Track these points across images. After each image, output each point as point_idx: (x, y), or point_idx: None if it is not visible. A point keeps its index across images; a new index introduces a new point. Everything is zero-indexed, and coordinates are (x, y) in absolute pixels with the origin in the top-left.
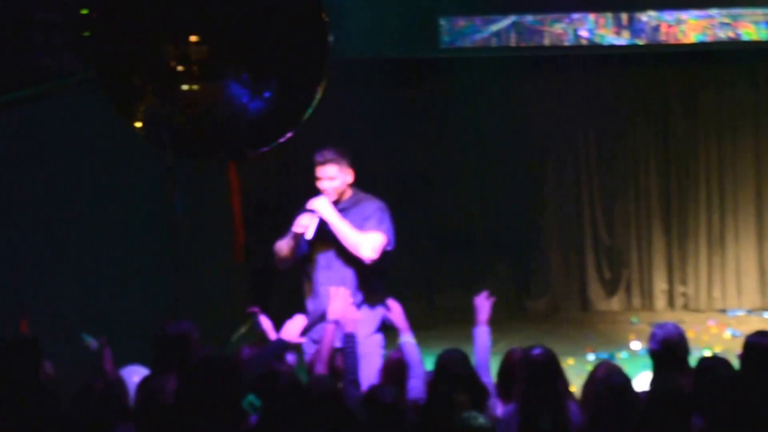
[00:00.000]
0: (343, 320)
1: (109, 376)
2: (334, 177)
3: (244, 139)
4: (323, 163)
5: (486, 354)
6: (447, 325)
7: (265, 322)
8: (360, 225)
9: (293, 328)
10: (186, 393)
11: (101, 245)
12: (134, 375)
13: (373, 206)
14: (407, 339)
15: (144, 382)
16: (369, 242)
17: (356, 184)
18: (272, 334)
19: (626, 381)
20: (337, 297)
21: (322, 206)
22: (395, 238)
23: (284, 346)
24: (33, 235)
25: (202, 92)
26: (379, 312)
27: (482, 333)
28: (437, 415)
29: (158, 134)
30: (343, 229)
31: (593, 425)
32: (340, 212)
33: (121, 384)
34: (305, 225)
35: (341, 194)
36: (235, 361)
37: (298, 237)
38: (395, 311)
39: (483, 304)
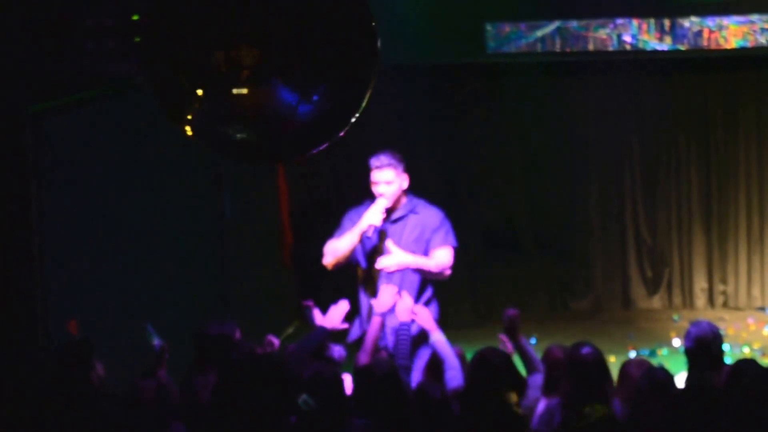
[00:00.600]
0: (398, 311)
1: (162, 380)
2: (390, 181)
3: (292, 143)
4: (380, 167)
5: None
6: (492, 325)
7: (318, 316)
8: (422, 234)
9: (336, 314)
10: (225, 390)
11: (152, 246)
12: None
13: (435, 216)
14: (437, 337)
15: (186, 381)
16: (445, 262)
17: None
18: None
19: (669, 377)
20: (385, 291)
21: (392, 260)
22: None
23: (326, 333)
24: (85, 236)
25: (252, 96)
26: (433, 309)
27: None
28: (477, 400)
29: (208, 138)
30: (421, 263)
31: (636, 421)
32: (398, 219)
33: (172, 385)
34: (371, 225)
35: (397, 200)
36: (278, 359)
37: (361, 237)
38: (422, 315)
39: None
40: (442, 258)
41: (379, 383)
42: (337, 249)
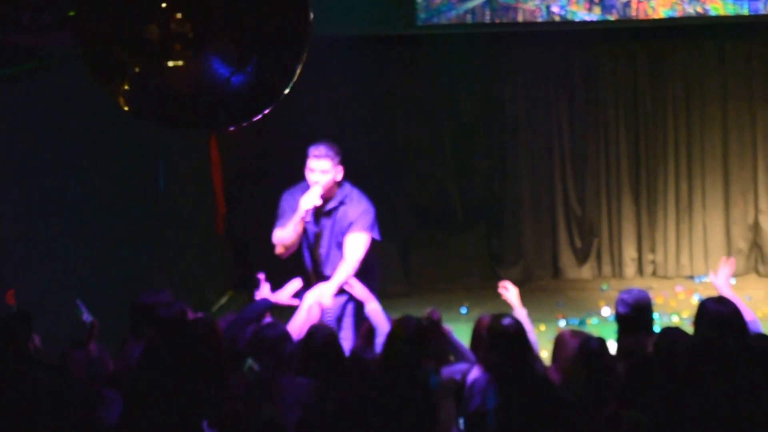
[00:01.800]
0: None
1: (92, 353)
2: (326, 171)
3: (225, 113)
4: (318, 156)
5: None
6: (423, 294)
7: (266, 290)
8: (346, 229)
9: (288, 290)
10: (155, 351)
11: (86, 219)
12: None
13: (358, 210)
14: (372, 306)
15: (120, 349)
16: (357, 251)
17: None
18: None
19: (603, 345)
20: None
21: (313, 296)
22: (380, 229)
23: (268, 305)
24: (16, 209)
25: (186, 67)
26: (375, 275)
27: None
28: (389, 365)
29: (143, 110)
30: (341, 280)
31: (570, 389)
32: (330, 211)
33: (105, 356)
34: (308, 210)
35: (330, 191)
36: (210, 322)
37: (303, 222)
38: (356, 287)
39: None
40: (353, 247)
41: (321, 347)
42: (283, 238)
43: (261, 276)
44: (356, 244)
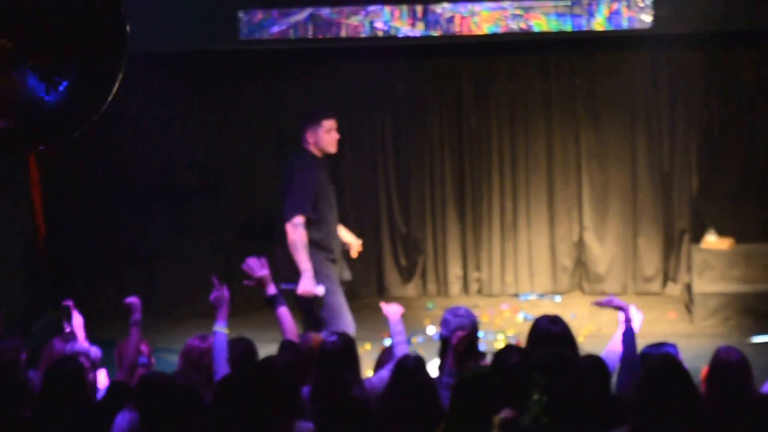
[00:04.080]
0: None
1: None
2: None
3: (42, 132)
4: (335, 116)
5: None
6: (249, 313)
7: (77, 318)
8: None
9: (77, 322)
10: None
11: None
12: None
13: None
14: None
15: None
16: None
17: (157, 174)
18: (80, 332)
19: (418, 363)
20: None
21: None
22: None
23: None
24: None
25: (1, 84)
26: None
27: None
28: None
29: None
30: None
31: (384, 405)
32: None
33: None
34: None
35: None
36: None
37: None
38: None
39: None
40: None
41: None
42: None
43: (69, 303)
44: None
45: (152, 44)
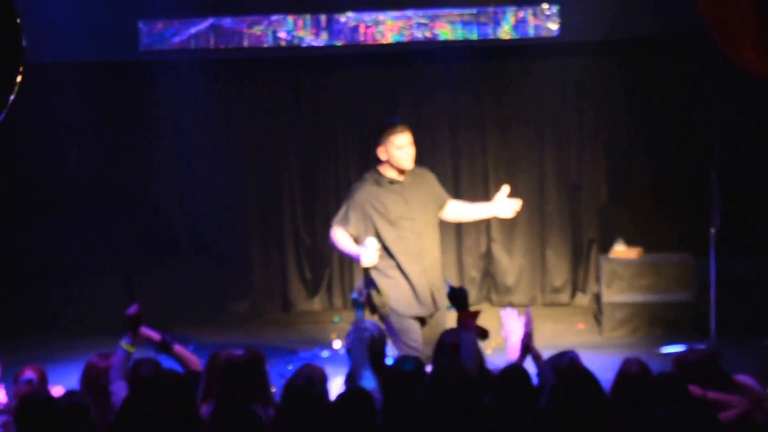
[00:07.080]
0: None
1: None
2: (412, 144)
3: None
4: (406, 129)
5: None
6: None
7: None
8: (429, 196)
9: None
10: None
11: None
12: None
13: (431, 176)
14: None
15: None
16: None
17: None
18: None
19: (309, 382)
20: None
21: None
22: None
23: None
24: None
25: None
26: None
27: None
28: None
29: None
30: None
31: (280, 423)
32: (405, 186)
33: None
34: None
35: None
36: None
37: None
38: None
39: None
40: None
41: None
42: (336, 247)
43: None
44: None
45: (50, 54)
